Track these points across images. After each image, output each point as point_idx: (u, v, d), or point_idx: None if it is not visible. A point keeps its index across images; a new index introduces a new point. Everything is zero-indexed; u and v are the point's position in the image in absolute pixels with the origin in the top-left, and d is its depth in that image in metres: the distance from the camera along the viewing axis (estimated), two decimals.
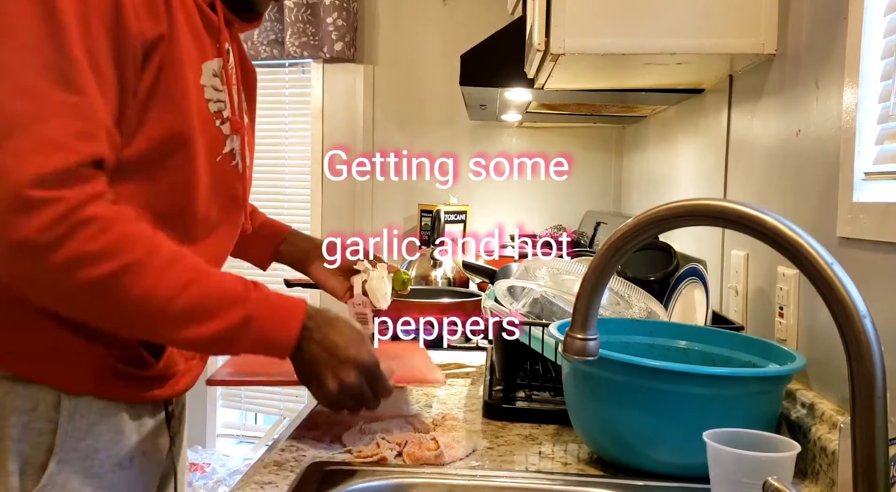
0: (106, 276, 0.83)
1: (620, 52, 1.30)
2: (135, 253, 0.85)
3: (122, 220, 0.86)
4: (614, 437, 0.97)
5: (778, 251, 0.61)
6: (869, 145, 0.97)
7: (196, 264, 0.91)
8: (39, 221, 0.79)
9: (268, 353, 0.96)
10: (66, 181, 0.80)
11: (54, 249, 0.80)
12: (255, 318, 0.92)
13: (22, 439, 0.90)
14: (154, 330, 0.90)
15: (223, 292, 0.91)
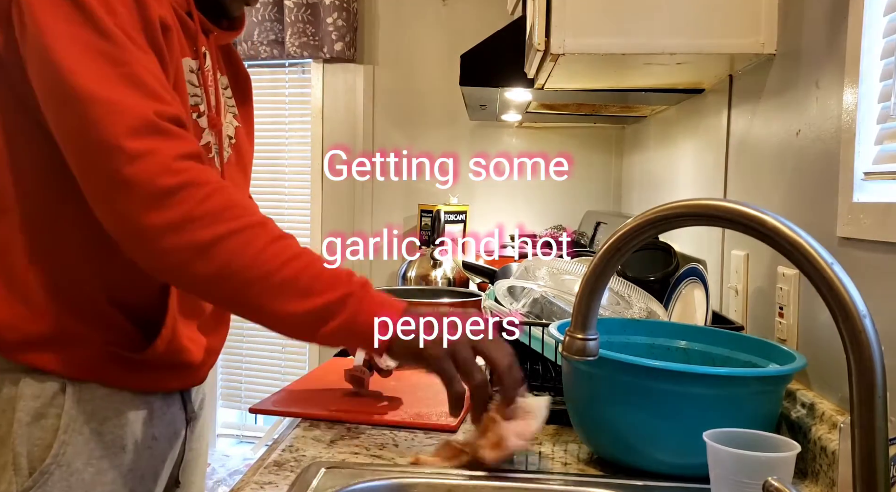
0: (214, 239, 0.86)
1: (620, 52, 1.30)
2: (244, 220, 0.88)
3: (230, 189, 0.90)
4: (614, 437, 0.97)
5: (778, 251, 0.61)
6: (869, 145, 0.97)
7: (301, 246, 0.93)
8: (144, 167, 0.84)
9: (360, 339, 0.92)
10: (156, 131, 0.85)
11: (162, 202, 0.84)
12: (353, 298, 0.90)
13: (31, 423, 0.95)
14: (249, 302, 0.90)
15: (327, 271, 0.91)
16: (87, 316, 0.97)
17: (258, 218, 0.90)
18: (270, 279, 0.88)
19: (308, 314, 0.89)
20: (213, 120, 1.07)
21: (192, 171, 0.87)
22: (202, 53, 1.05)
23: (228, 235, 0.86)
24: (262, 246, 0.88)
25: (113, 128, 0.84)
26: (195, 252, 0.86)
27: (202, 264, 0.86)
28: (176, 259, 0.87)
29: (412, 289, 2.31)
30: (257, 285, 0.88)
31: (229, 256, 0.86)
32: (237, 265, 0.87)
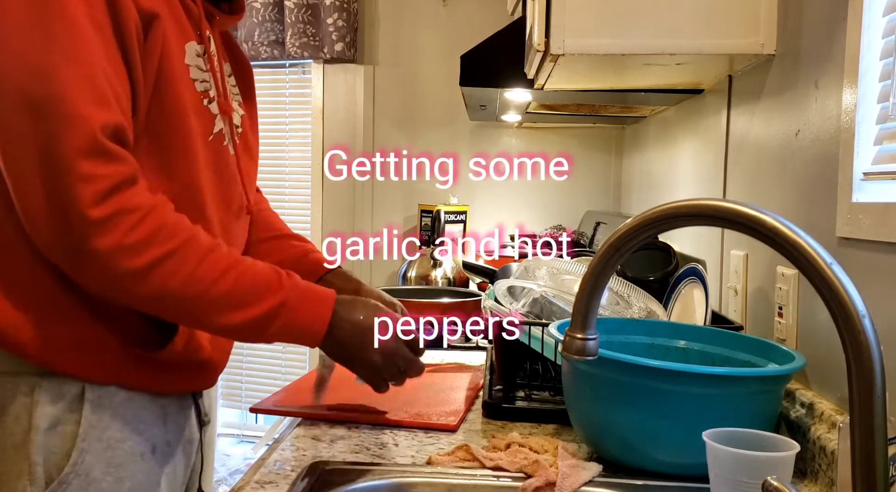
0: (146, 265, 0.88)
1: (620, 52, 1.30)
2: (173, 242, 0.90)
3: (161, 209, 0.90)
4: (614, 436, 0.97)
5: (777, 251, 0.61)
6: (868, 146, 0.97)
7: (230, 253, 0.96)
8: (88, 192, 0.84)
9: (298, 339, 1.00)
10: (102, 155, 0.85)
11: (100, 232, 0.85)
12: (287, 304, 0.96)
13: (49, 430, 0.92)
14: (191, 317, 0.95)
15: (258, 280, 0.96)
16: (105, 317, 0.95)
17: (186, 234, 0.92)
18: (206, 296, 0.92)
19: (248, 324, 0.94)
20: (224, 106, 1.05)
21: (123, 198, 0.87)
22: (207, 37, 1.03)
23: (160, 260, 0.88)
24: (193, 265, 0.91)
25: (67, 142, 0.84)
26: (132, 278, 0.88)
27: (139, 289, 0.89)
28: (113, 285, 0.89)
29: (412, 289, 2.31)
30: (196, 303, 0.92)
31: (163, 280, 0.89)
32: (172, 287, 0.90)
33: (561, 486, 0.91)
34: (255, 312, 0.94)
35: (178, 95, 0.96)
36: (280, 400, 1.26)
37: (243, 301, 0.94)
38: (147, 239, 0.88)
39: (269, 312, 0.95)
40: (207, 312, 0.93)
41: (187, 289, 0.91)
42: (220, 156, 1.05)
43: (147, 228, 0.88)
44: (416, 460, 1.00)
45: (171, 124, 0.96)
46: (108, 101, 0.87)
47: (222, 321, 0.94)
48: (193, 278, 0.91)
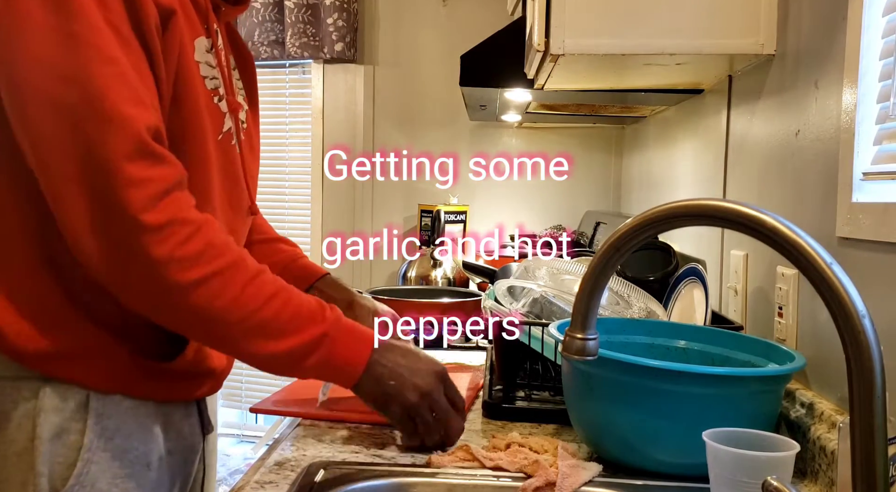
0: (195, 281, 0.85)
1: (620, 52, 1.30)
2: (222, 261, 0.87)
3: (212, 225, 0.88)
4: (614, 436, 0.97)
5: (777, 251, 0.61)
6: (867, 146, 0.97)
7: (276, 279, 0.93)
8: (140, 197, 0.81)
9: (335, 376, 0.97)
10: (149, 157, 0.82)
11: (155, 239, 0.82)
12: (329, 336, 0.93)
13: (53, 439, 0.90)
14: (229, 342, 0.91)
15: (302, 309, 0.92)
16: (112, 326, 0.93)
17: (235, 255, 0.89)
18: (248, 321, 0.89)
19: (285, 354, 0.91)
20: (233, 104, 1.02)
21: (175, 206, 0.85)
22: (214, 31, 0.99)
23: (208, 278, 0.86)
24: (240, 288, 0.88)
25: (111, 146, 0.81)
26: (179, 293, 0.85)
27: (185, 305, 0.86)
28: (159, 298, 0.86)
29: (412, 289, 2.31)
30: (235, 328, 0.89)
31: (208, 300, 0.86)
32: (217, 309, 0.87)
33: (561, 486, 0.91)
34: (296, 342, 0.91)
35: (195, 94, 0.93)
36: (280, 400, 1.26)
37: (285, 330, 0.90)
38: (198, 254, 0.85)
39: (309, 344, 0.91)
40: (247, 338, 0.90)
41: (232, 312, 0.88)
42: (228, 155, 1.02)
43: (199, 243, 0.85)
44: (416, 460, 1.00)
45: (188, 125, 0.93)
46: (144, 101, 0.84)
47: (261, 349, 0.90)
48: (239, 302, 0.88)
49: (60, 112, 0.81)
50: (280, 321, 0.90)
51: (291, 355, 0.91)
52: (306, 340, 0.91)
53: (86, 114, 0.80)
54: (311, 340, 0.91)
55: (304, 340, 0.91)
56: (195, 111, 0.93)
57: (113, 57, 0.82)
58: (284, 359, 0.91)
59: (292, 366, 0.93)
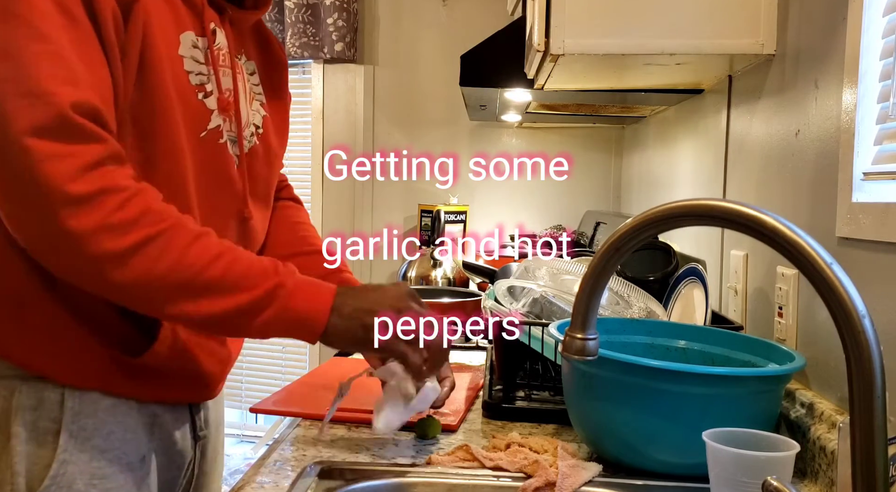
0: (130, 247, 0.81)
1: (620, 52, 1.30)
2: (160, 225, 0.84)
3: (149, 193, 0.85)
4: (614, 436, 0.97)
5: (777, 251, 0.61)
6: (868, 146, 0.97)
7: (222, 242, 0.89)
8: (61, 169, 0.78)
9: (295, 330, 0.90)
10: (68, 133, 0.80)
11: (80, 210, 0.79)
12: (284, 287, 0.88)
13: (29, 439, 0.88)
14: (175, 306, 0.86)
15: (252, 267, 0.88)
16: (85, 317, 0.90)
17: (174, 220, 0.86)
18: (194, 282, 0.85)
19: (236, 311, 0.86)
20: (225, 103, 0.98)
21: (108, 176, 0.81)
22: (210, 30, 0.98)
23: (145, 242, 0.82)
24: (181, 250, 0.84)
25: (23, 121, 0.78)
26: (111, 261, 0.81)
27: (119, 273, 0.82)
28: (91, 268, 0.83)
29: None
30: (182, 290, 0.85)
31: (148, 264, 0.83)
32: (157, 272, 0.83)
33: (561, 486, 0.91)
34: (246, 298, 0.86)
35: (163, 85, 0.91)
36: (280, 400, 1.26)
37: (234, 286, 0.86)
38: (133, 220, 0.82)
39: (262, 298, 0.87)
40: (196, 301, 0.85)
41: (173, 274, 0.84)
42: (214, 154, 0.99)
43: (135, 209, 0.82)
44: (416, 460, 1.00)
45: (155, 115, 0.90)
46: (77, 80, 0.81)
47: (211, 309, 0.85)
48: (182, 264, 0.84)
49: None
50: (228, 279, 0.86)
51: (243, 312, 0.87)
52: (258, 295, 0.87)
53: (9, 89, 0.79)
54: (263, 294, 0.87)
55: (256, 295, 0.87)
56: (165, 103, 0.91)
57: (47, 35, 0.81)
58: (236, 317, 0.87)
59: (247, 324, 0.88)
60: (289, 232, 1.19)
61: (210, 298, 0.86)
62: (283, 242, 1.17)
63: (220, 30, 1.00)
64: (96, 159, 0.81)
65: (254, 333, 0.90)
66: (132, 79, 0.88)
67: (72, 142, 0.80)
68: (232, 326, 0.90)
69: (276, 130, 1.10)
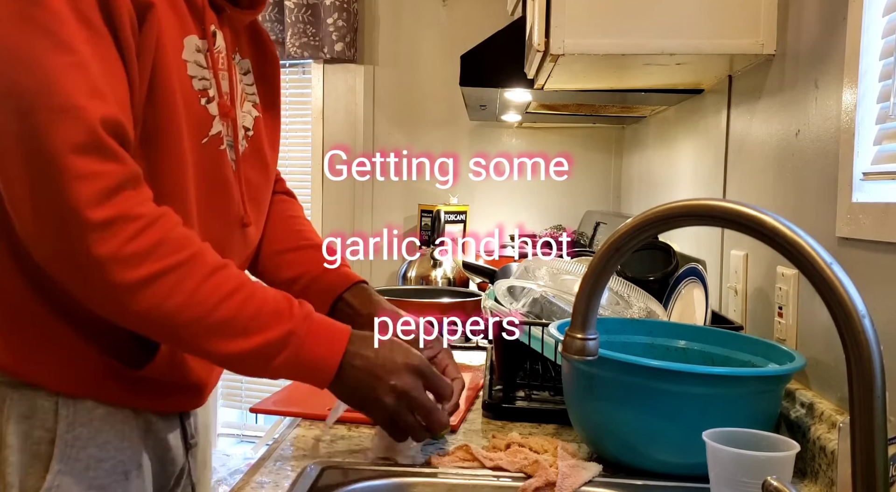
0: (141, 280, 0.80)
1: (620, 52, 1.30)
2: (174, 258, 0.82)
3: (166, 220, 0.83)
4: (614, 436, 0.97)
5: (777, 251, 0.61)
6: (868, 145, 0.97)
7: (240, 275, 0.87)
8: (86, 192, 0.77)
9: (306, 376, 0.90)
10: (99, 151, 0.78)
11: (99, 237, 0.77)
12: (295, 335, 0.87)
13: (22, 449, 0.86)
14: (187, 343, 0.86)
15: (266, 306, 0.87)
16: (81, 325, 0.88)
17: (191, 251, 0.84)
18: (206, 320, 0.83)
19: (249, 354, 0.85)
20: (226, 108, 0.96)
21: (126, 202, 0.80)
22: (211, 33, 0.95)
23: (157, 276, 0.80)
24: (195, 285, 0.82)
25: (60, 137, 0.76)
26: (125, 293, 0.80)
27: (133, 305, 0.80)
28: (106, 295, 0.81)
29: (412, 289, 2.31)
30: (192, 327, 0.83)
31: (159, 299, 0.81)
32: (169, 308, 0.81)
33: (561, 486, 0.91)
34: (259, 341, 0.85)
35: (171, 92, 0.88)
36: (280, 400, 1.26)
37: (247, 328, 0.85)
38: (146, 251, 0.80)
39: (275, 343, 0.86)
40: (206, 339, 0.84)
41: (185, 311, 0.82)
42: (215, 161, 0.96)
43: (148, 240, 0.80)
44: (416, 460, 1.00)
45: (162, 124, 0.88)
46: (102, 92, 0.79)
47: (221, 350, 0.84)
48: (193, 300, 0.82)
49: (11, 99, 0.77)
50: (241, 319, 0.85)
51: (257, 355, 0.85)
52: (271, 339, 0.85)
53: (36, 103, 0.76)
54: (276, 338, 0.86)
55: (269, 338, 0.85)
56: (171, 110, 0.89)
57: (70, 45, 0.78)
58: (249, 359, 0.86)
59: (260, 366, 0.87)
60: (284, 226, 1.16)
61: (223, 338, 0.84)
62: (278, 236, 1.15)
63: (219, 31, 0.98)
64: (117, 183, 0.79)
65: (265, 375, 0.89)
66: (145, 85, 0.86)
67: (100, 160, 0.78)
68: (246, 368, 0.89)
69: (268, 131, 1.08)
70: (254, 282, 0.89)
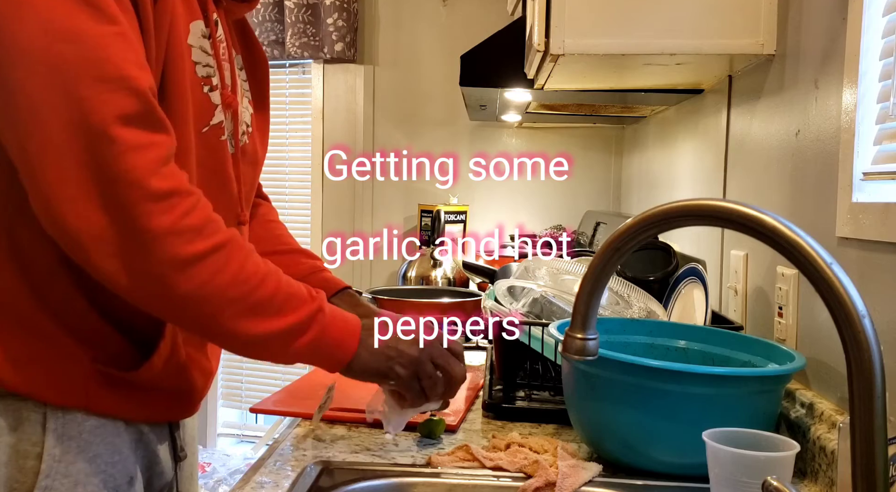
0: (196, 256, 0.79)
1: (620, 52, 1.30)
2: (222, 235, 0.82)
3: (206, 201, 0.82)
4: (614, 436, 0.97)
5: (777, 251, 0.61)
6: (868, 145, 0.97)
7: (265, 260, 0.88)
8: (144, 161, 0.75)
9: (324, 357, 0.90)
10: (150, 122, 0.77)
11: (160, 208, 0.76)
12: (321, 314, 0.88)
13: (9, 462, 0.82)
14: (224, 321, 0.83)
15: (293, 288, 0.88)
16: (71, 326, 0.84)
17: (229, 232, 0.84)
18: (248, 299, 0.83)
19: (278, 334, 0.85)
20: (229, 98, 0.94)
21: (178, 174, 0.79)
22: (213, 21, 0.93)
23: (209, 253, 0.80)
24: (239, 264, 0.82)
25: (110, 108, 0.74)
26: (176, 267, 0.78)
27: (182, 281, 0.79)
28: (156, 271, 0.78)
29: (412, 289, 2.31)
30: (234, 306, 0.82)
31: (211, 275, 0.80)
32: (217, 285, 0.80)
33: (561, 486, 0.91)
34: (291, 320, 0.85)
35: (181, 76, 0.87)
36: (280, 400, 1.26)
37: (281, 308, 0.85)
38: (199, 227, 0.79)
39: (302, 322, 0.86)
40: (242, 318, 0.83)
41: (231, 289, 0.81)
42: (215, 152, 0.94)
43: (200, 216, 0.79)
44: (416, 460, 1.00)
45: (171, 108, 0.85)
46: (145, 65, 0.78)
47: (254, 329, 0.83)
48: (239, 278, 0.82)
49: (54, 72, 0.74)
50: (278, 299, 0.85)
51: (285, 335, 0.85)
52: (301, 319, 0.86)
53: (83, 73, 0.74)
54: (305, 318, 0.86)
55: (299, 318, 0.86)
56: (180, 95, 0.87)
57: (113, 16, 0.76)
58: (277, 339, 0.85)
59: (284, 347, 0.87)
60: (264, 230, 1.17)
61: (258, 317, 0.84)
62: (258, 239, 1.13)
63: (219, 20, 0.96)
64: (168, 153, 0.78)
65: (286, 357, 0.89)
66: (160, 65, 0.84)
67: (154, 130, 0.77)
68: (267, 349, 0.88)
69: (258, 130, 1.07)
70: (274, 267, 0.89)
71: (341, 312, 0.92)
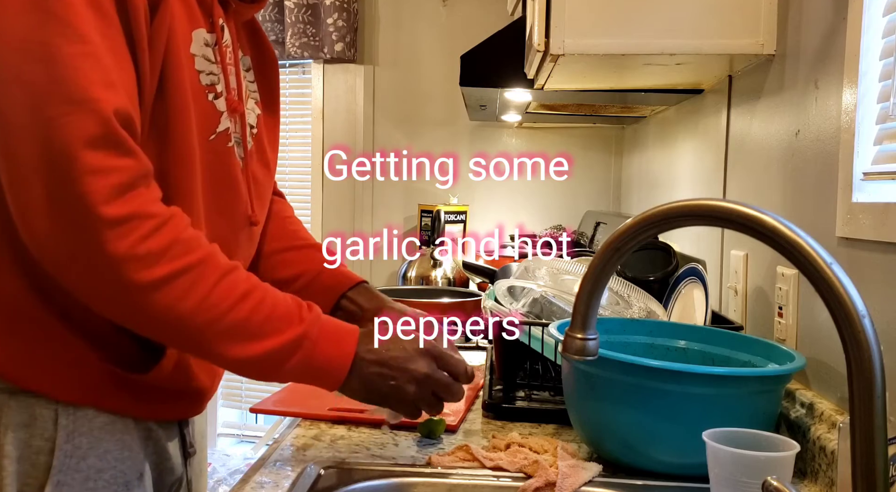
0: (157, 280, 0.78)
1: (620, 52, 1.30)
2: (188, 259, 0.81)
3: (178, 220, 0.82)
4: (614, 436, 0.97)
5: (777, 251, 0.61)
6: (868, 145, 0.97)
7: (249, 278, 0.87)
8: (100, 187, 0.75)
9: (318, 379, 0.90)
10: (114, 144, 0.76)
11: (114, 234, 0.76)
12: (307, 338, 0.87)
13: (21, 458, 0.84)
14: (199, 346, 0.84)
15: (277, 310, 0.86)
16: (82, 329, 0.86)
17: (203, 253, 0.83)
18: (219, 324, 0.82)
19: (261, 358, 0.85)
20: (234, 104, 0.95)
21: (139, 198, 0.78)
22: (220, 27, 0.93)
23: (172, 277, 0.79)
24: (208, 287, 0.81)
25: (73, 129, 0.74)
26: (133, 293, 0.78)
27: (142, 306, 0.79)
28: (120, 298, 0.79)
29: (412, 289, 2.31)
30: (205, 331, 0.82)
31: (173, 301, 0.79)
32: (182, 310, 0.80)
33: (561, 486, 0.91)
34: (271, 344, 0.84)
35: (182, 87, 0.87)
36: (280, 400, 1.26)
37: (259, 332, 0.84)
38: (162, 251, 0.78)
39: (286, 346, 0.85)
40: (218, 343, 0.83)
41: (199, 314, 0.81)
42: (222, 158, 0.95)
43: (164, 239, 0.79)
44: (416, 460, 1.00)
45: (171, 119, 0.86)
46: (115, 84, 0.78)
47: (234, 353, 0.83)
48: (207, 303, 0.81)
49: (23, 90, 0.75)
50: (253, 323, 0.84)
51: (268, 359, 0.85)
52: (283, 343, 0.85)
53: (49, 94, 0.75)
54: (289, 342, 0.85)
55: (282, 342, 0.85)
56: (181, 105, 0.87)
57: (84, 35, 0.76)
58: (260, 363, 0.85)
59: (270, 370, 0.87)
60: (279, 226, 1.17)
61: (235, 342, 0.84)
62: (275, 236, 1.14)
63: (226, 26, 0.97)
64: (132, 178, 0.78)
65: (275, 379, 0.89)
66: (156, 78, 0.85)
67: (115, 154, 0.77)
68: (258, 372, 0.88)
69: (268, 129, 1.07)
70: (263, 284, 0.88)
71: (335, 331, 0.91)
